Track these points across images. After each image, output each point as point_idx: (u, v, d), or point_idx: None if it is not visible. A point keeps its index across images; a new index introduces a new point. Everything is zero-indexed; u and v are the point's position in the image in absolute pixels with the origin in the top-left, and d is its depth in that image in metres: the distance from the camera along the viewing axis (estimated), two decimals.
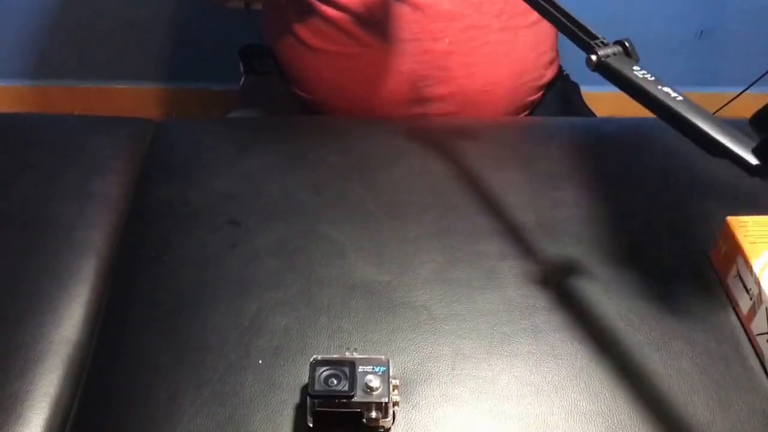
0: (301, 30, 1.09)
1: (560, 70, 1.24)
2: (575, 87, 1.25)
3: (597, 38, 0.67)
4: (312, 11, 1.06)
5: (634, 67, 0.63)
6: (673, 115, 0.59)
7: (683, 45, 1.87)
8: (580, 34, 0.68)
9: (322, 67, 1.10)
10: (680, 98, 0.59)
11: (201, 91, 1.96)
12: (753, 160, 0.54)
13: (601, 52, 0.65)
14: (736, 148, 0.55)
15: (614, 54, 0.65)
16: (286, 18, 1.10)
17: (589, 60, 0.66)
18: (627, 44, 0.66)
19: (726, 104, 1.72)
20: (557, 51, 1.22)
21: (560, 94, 1.22)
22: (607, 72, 0.65)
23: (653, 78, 0.62)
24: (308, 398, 0.64)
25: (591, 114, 1.22)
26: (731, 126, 0.56)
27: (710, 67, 1.90)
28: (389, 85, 1.07)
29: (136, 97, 1.96)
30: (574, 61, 1.24)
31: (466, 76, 1.07)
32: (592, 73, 0.68)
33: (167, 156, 0.96)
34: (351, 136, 0.99)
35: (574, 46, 1.04)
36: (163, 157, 0.96)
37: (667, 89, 0.60)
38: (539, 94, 1.19)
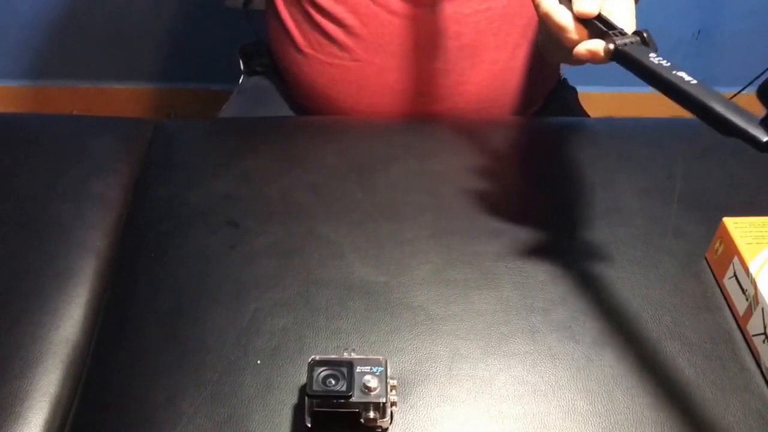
0: (297, 36, 1.08)
1: (559, 77, 1.24)
2: (572, 91, 1.25)
3: (615, 28, 0.70)
4: (308, 19, 1.06)
5: (650, 54, 0.66)
6: (686, 97, 0.61)
7: (680, 44, 1.88)
8: (599, 24, 0.71)
9: (315, 75, 1.09)
10: (694, 82, 0.61)
11: (200, 91, 1.96)
12: (763, 137, 0.56)
13: (618, 41, 0.68)
14: (746, 126, 0.57)
15: (631, 43, 0.68)
16: (284, 23, 1.09)
17: (606, 49, 0.68)
18: (645, 34, 0.69)
19: None
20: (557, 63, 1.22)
21: (559, 102, 1.21)
22: (623, 60, 0.68)
23: (669, 63, 0.64)
24: (306, 398, 0.65)
25: (585, 116, 1.22)
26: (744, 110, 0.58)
27: (707, 67, 1.91)
28: (381, 101, 1.07)
29: (134, 98, 1.97)
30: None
31: (461, 94, 1.06)
32: (590, 73, 0.70)
33: (166, 157, 0.96)
34: (349, 137, 0.99)
35: None
36: (161, 157, 0.96)
37: (681, 73, 0.62)
38: (538, 105, 1.19)
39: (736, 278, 0.77)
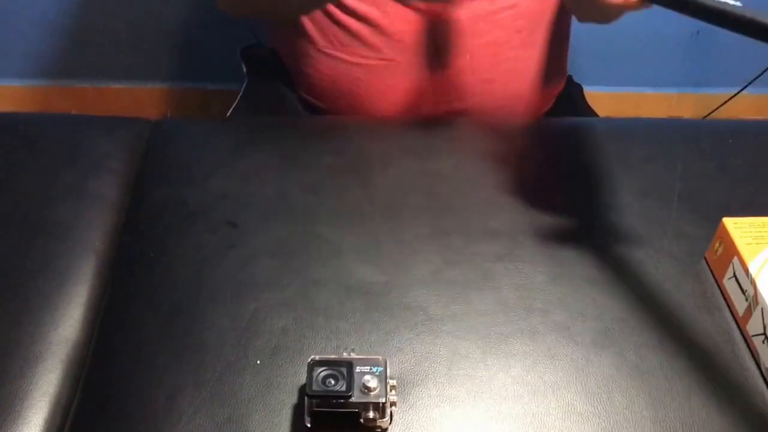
0: (318, 37, 1.07)
1: (566, 75, 1.24)
2: (578, 87, 1.25)
3: None
4: (330, 19, 1.05)
5: None
6: (737, 19, 0.61)
7: (679, 45, 1.88)
8: None
9: (339, 75, 1.09)
10: (739, 4, 0.62)
11: (198, 91, 1.96)
12: None
13: None
14: None
15: None
16: (300, 23, 1.08)
17: None
18: None
19: (721, 105, 1.73)
20: (567, 57, 1.23)
21: (567, 99, 1.21)
22: None
23: None
24: (306, 398, 0.65)
25: (593, 113, 1.22)
26: None
27: (706, 67, 1.91)
28: (407, 100, 1.06)
29: (132, 97, 1.97)
30: (575, 61, 1.25)
31: (485, 92, 1.06)
32: (590, 73, 0.69)
33: (164, 156, 0.96)
34: (347, 137, 0.99)
35: (574, 48, 1.04)
36: (160, 157, 0.96)
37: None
38: (551, 103, 1.19)
39: (736, 278, 0.77)
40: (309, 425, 0.65)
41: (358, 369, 0.65)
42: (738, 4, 0.62)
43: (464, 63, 1.04)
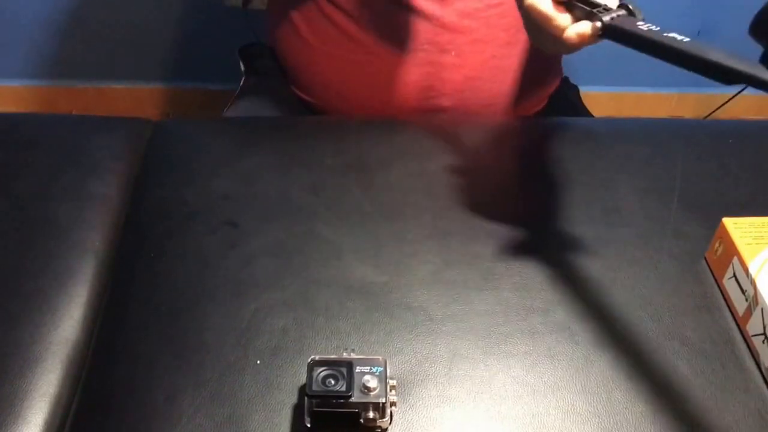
0: (308, 32, 1.08)
1: (562, 75, 1.24)
2: (574, 88, 1.25)
3: (599, 6, 0.70)
4: (320, 14, 1.05)
5: (639, 23, 0.66)
6: (684, 55, 0.61)
7: None
8: (582, 6, 0.71)
9: (327, 70, 1.09)
10: (687, 39, 0.62)
11: (199, 91, 1.96)
12: None
13: (605, 18, 0.68)
14: (751, 71, 0.57)
15: (618, 16, 0.68)
16: (292, 19, 1.09)
17: (594, 28, 0.69)
18: (630, 5, 0.69)
19: (722, 105, 1.73)
20: (560, 59, 1.22)
21: (562, 99, 1.21)
22: (613, 33, 0.68)
23: (659, 28, 0.64)
24: (306, 398, 0.65)
25: (588, 115, 1.22)
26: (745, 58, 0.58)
27: None
28: (393, 95, 1.07)
29: (133, 98, 1.97)
30: (574, 61, 1.25)
31: (471, 89, 1.06)
32: (589, 73, 0.69)
33: (165, 156, 0.96)
34: (348, 137, 0.99)
35: None
36: (161, 157, 0.96)
37: (673, 34, 0.62)
38: (543, 103, 1.19)
39: (736, 278, 0.77)
40: (309, 425, 0.65)
41: (358, 369, 0.65)
42: (686, 39, 0.62)
43: (450, 60, 1.04)
